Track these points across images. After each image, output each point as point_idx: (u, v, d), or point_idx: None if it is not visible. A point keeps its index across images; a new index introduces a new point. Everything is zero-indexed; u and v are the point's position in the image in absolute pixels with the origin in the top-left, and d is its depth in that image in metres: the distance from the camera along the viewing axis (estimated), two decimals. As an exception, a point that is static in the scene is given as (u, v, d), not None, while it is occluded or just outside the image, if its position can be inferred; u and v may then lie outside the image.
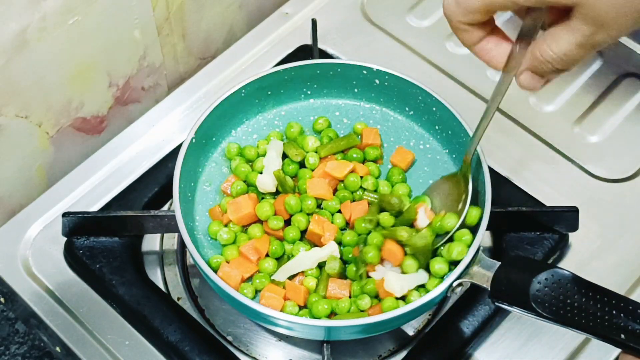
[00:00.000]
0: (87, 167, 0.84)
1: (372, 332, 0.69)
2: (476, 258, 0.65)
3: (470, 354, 0.73)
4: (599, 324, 0.56)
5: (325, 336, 0.69)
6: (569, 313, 0.57)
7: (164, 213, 0.75)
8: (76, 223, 0.76)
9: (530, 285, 0.59)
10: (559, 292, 0.58)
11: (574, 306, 0.57)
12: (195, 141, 0.72)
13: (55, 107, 0.83)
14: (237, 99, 0.76)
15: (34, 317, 0.74)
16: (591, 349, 0.74)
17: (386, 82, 0.77)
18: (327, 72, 0.78)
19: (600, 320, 0.56)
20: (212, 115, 0.74)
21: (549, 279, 0.59)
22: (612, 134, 0.87)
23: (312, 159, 0.74)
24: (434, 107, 0.75)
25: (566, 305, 0.58)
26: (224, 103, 0.74)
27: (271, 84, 0.77)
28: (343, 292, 0.68)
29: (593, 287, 0.58)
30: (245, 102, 0.77)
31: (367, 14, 0.96)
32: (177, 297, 0.77)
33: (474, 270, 0.65)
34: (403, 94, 0.77)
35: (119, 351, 0.72)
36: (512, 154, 0.85)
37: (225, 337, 0.75)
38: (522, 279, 0.60)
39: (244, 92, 0.76)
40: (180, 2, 0.89)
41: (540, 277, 0.59)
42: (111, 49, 0.84)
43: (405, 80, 0.76)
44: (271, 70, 0.76)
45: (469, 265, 0.65)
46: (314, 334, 0.68)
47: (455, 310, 0.74)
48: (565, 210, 0.77)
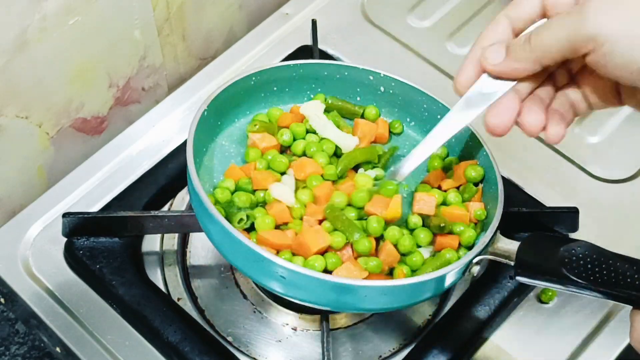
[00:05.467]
0: (87, 167, 0.84)
1: (398, 303, 0.66)
2: (495, 237, 0.65)
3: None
4: (630, 284, 0.56)
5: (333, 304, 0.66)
6: (599, 278, 0.57)
7: (164, 213, 0.75)
8: (76, 223, 0.76)
9: (558, 254, 0.58)
10: (589, 259, 0.58)
11: (604, 271, 0.57)
12: (207, 114, 0.71)
13: (55, 108, 0.83)
14: (246, 87, 0.75)
15: (34, 317, 0.74)
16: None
17: (391, 89, 0.77)
18: (333, 74, 0.77)
19: (632, 281, 0.56)
20: (223, 95, 0.72)
21: (576, 250, 0.59)
22: (612, 135, 0.88)
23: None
24: (438, 115, 0.74)
25: (596, 271, 0.57)
26: (235, 85, 0.73)
27: (279, 78, 0.76)
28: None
29: (622, 256, 0.58)
30: (252, 93, 0.76)
31: (367, 15, 0.96)
32: (177, 297, 0.77)
33: (495, 248, 0.64)
34: (407, 102, 0.76)
35: (119, 351, 0.72)
36: (512, 154, 0.85)
37: (225, 337, 0.75)
38: (549, 250, 0.59)
39: (254, 80, 0.75)
40: (180, 3, 0.89)
41: (568, 247, 0.59)
42: (111, 49, 0.84)
43: (412, 88, 0.75)
44: (283, 64, 0.76)
45: (488, 243, 0.64)
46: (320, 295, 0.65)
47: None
48: (565, 211, 0.77)
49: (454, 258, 0.66)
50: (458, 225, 0.68)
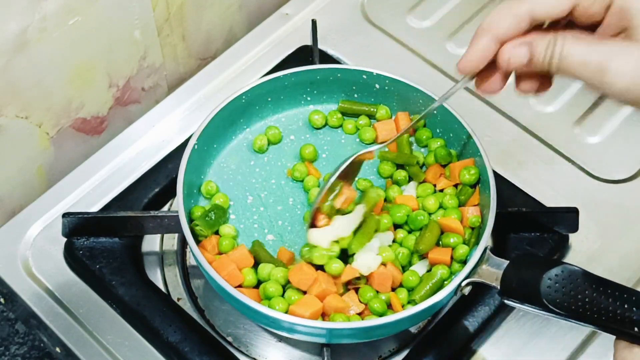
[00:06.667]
0: (87, 167, 0.84)
1: (376, 336, 0.69)
2: (484, 257, 0.65)
3: (475, 350, 0.73)
4: (611, 318, 0.56)
5: (327, 339, 0.69)
6: (580, 308, 0.57)
7: (164, 213, 0.75)
8: (76, 223, 0.76)
9: (541, 282, 0.59)
10: (570, 287, 0.58)
11: (586, 301, 0.57)
12: (198, 147, 0.72)
13: (55, 108, 0.83)
14: (238, 105, 0.75)
15: (34, 317, 0.74)
16: (594, 347, 0.74)
17: (386, 86, 0.77)
18: (327, 77, 0.77)
19: (612, 314, 0.56)
20: (214, 121, 0.73)
21: (559, 275, 0.59)
22: (612, 135, 0.87)
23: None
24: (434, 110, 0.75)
25: (577, 300, 0.57)
26: (225, 109, 0.74)
27: (271, 90, 0.77)
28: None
29: (604, 281, 0.58)
30: (246, 109, 0.77)
31: (367, 15, 0.96)
32: (177, 297, 0.77)
33: (483, 269, 0.65)
34: (403, 98, 0.77)
35: (119, 352, 0.72)
36: (512, 154, 0.85)
37: (225, 337, 0.75)
38: (532, 276, 0.60)
39: (245, 98, 0.76)
40: (180, 3, 0.89)
41: (550, 274, 0.59)
42: (111, 49, 0.84)
43: (406, 84, 0.76)
44: (271, 77, 0.76)
45: (477, 264, 0.65)
46: (315, 336, 0.68)
47: (457, 309, 0.74)
48: (565, 211, 0.77)
49: (445, 275, 0.68)
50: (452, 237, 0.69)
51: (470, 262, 0.65)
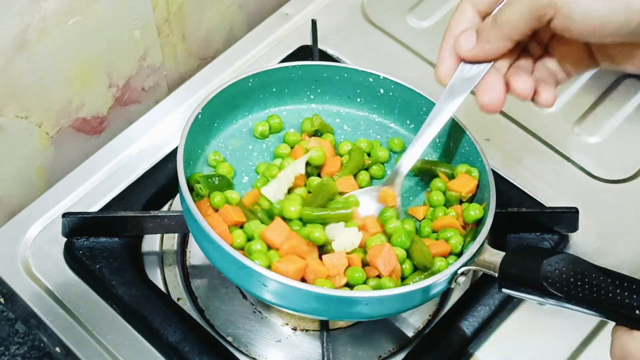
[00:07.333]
0: (87, 167, 0.84)
1: (376, 313, 0.67)
2: (482, 249, 0.65)
3: (471, 353, 0.73)
4: (612, 301, 0.56)
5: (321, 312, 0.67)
6: (580, 293, 0.57)
7: (164, 213, 0.75)
8: (76, 223, 0.76)
9: (541, 267, 0.58)
10: (571, 273, 0.58)
11: (586, 286, 0.57)
12: (201, 117, 0.71)
13: (55, 108, 0.83)
14: (244, 89, 0.75)
15: (34, 317, 0.74)
16: (593, 348, 0.74)
17: (391, 92, 0.77)
18: (333, 75, 0.77)
19: (613, 298, 0.56)
20: (219, 97, 0.73)
21: (559, 262, 0.58)
22: (612, 135, 0.87)
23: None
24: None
25: (578, 284, 0.57)
26: (231, 87, 0.73)
27: (277, 80, 0.76)
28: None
29: (605, 270, 0.58)
30: (250, 95, 0.76)
31: (367, 15, 0.96)
32: (177, 297, 0.77)
33: (480, 258, 0.64)
34: (406, 105, 0.77)
35: (119, 351, 0.72)
36: (512, 154, 0.85)
37: (225, 337, 0.75)
38: (532, 262, 0.59)
39: (252, 82, 0.75)
40: (180, 3, 0.89)
41: (551, 260, 0.59)
42: (111, 49, 0.85)
43: (412, 91, 0.75)
44: (280, 65, 0.76)
45: (474, 255, 0.64)
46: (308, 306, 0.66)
47: (456, 310, 0.74)
48: (565, 211, 0.77)
49: (443, 267, 0.67)
50: (448, 232, 0.69)
51: (469, 251, 0.64)
